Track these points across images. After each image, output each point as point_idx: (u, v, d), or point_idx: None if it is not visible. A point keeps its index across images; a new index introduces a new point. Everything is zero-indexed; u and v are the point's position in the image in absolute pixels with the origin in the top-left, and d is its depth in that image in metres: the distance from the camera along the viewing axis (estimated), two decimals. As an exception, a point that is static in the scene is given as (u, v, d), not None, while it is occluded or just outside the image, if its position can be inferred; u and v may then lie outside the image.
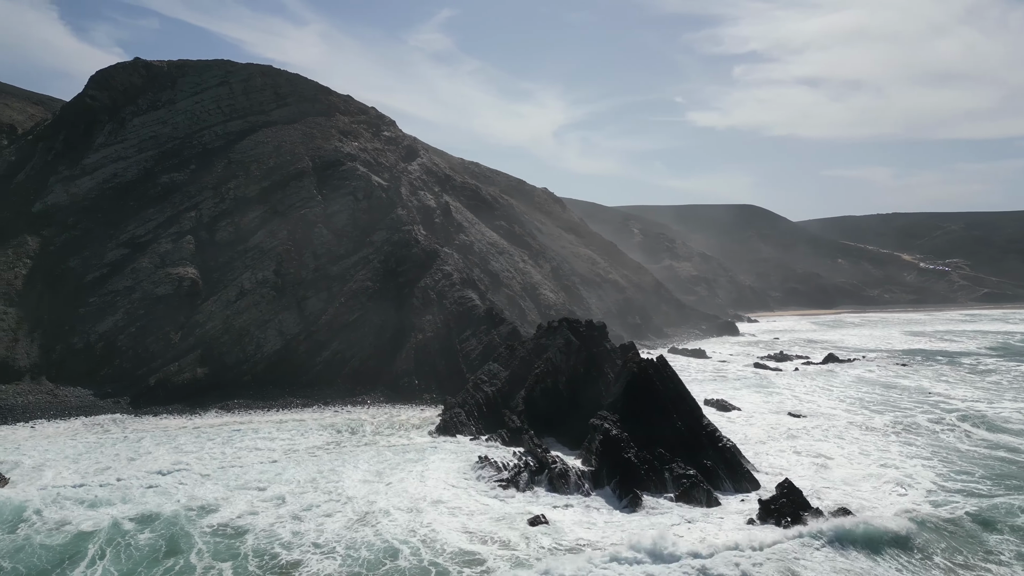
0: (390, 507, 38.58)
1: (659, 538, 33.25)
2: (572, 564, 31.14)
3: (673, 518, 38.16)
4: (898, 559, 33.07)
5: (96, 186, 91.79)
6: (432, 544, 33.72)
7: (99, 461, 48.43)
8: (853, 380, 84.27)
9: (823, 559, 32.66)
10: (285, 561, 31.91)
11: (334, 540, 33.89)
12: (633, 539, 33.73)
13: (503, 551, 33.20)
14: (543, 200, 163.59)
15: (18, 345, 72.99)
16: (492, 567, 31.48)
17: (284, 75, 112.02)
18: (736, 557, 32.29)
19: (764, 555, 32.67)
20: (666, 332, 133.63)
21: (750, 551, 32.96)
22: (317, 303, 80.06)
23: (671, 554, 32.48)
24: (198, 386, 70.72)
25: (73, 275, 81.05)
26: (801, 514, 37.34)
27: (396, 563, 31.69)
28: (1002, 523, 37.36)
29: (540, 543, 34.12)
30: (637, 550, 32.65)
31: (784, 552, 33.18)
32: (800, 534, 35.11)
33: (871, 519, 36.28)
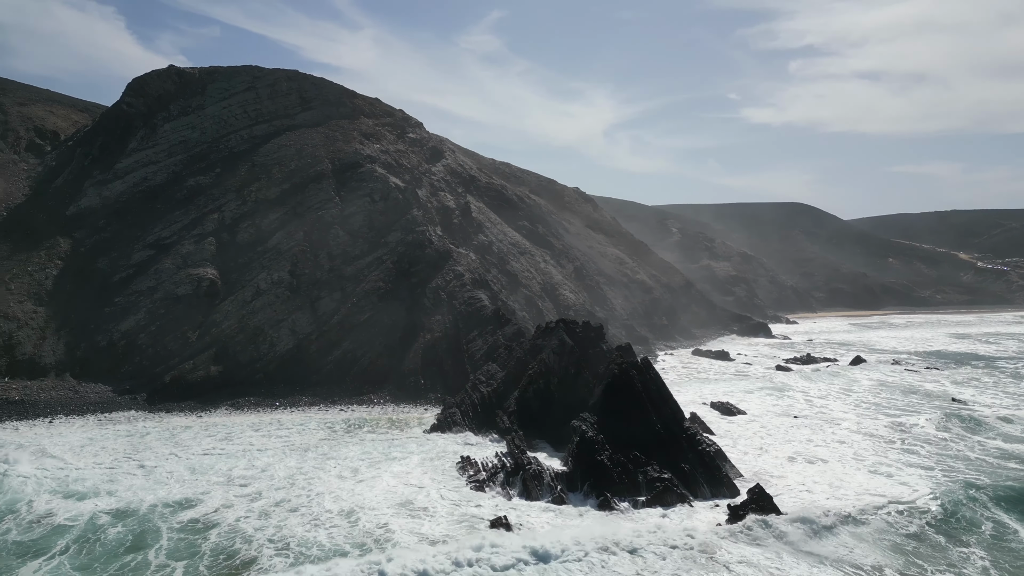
0: (355, 506, 39.17)
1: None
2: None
3: (638, 522, 37.63)
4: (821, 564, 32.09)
5: (127, 190, 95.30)
6: (383, 546, 34.08)
7: (99, 456, 50.40)
8: (874, 384, 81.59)
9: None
10: (239, 561, 32.68)
11: (290, 537, 34.61)
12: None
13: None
14: (573, 199, 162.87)
15: (45, 343, 76.41)
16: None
17: (310, 79, 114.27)
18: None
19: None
20: (694, 333, 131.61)
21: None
22: (330, 303, 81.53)
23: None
24: (211, 384, 72.81)
25: (101, 275, 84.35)
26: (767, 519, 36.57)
27: (339, 565, 31.92)
28: (970, 537, 35.81)
29: (492, 545, 34.10)
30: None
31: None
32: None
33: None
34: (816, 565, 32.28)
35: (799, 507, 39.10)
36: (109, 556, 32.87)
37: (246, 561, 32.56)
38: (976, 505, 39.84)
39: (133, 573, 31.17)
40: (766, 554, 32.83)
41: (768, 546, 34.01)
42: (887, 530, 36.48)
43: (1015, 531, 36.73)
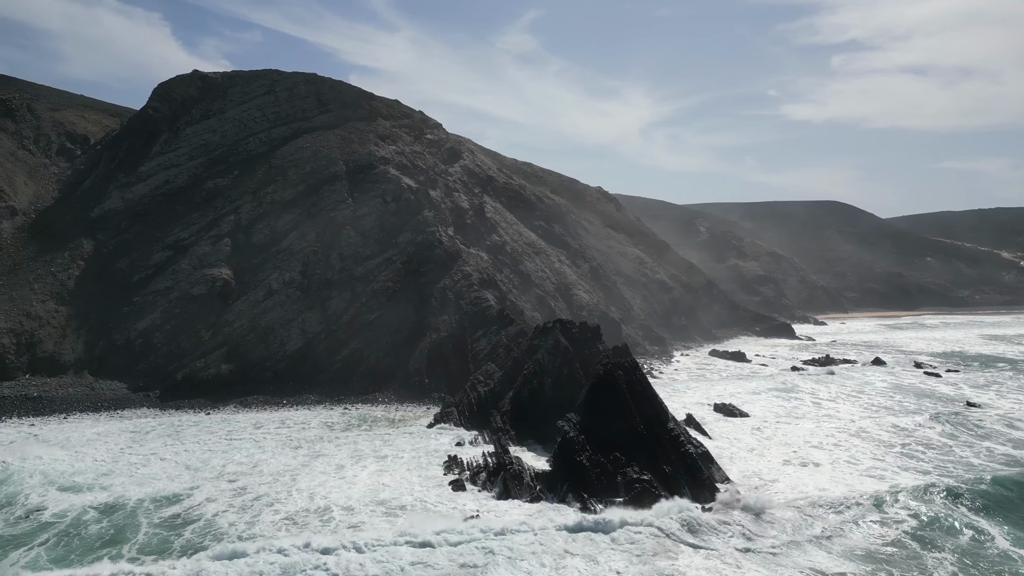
0: (331, 504, 39.85)
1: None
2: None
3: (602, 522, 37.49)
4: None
5: (149, 192, 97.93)
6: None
7: (101, 451, 51.99)
8: (888, 386, 79.86)
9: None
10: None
11: (260, 535, 35.32)
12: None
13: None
14: (594, 199, 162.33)
15: (65, 341, 79.03)
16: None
17: (327, 82, 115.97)
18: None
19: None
20: (714, 333, 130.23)
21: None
22: (340, 303, 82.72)
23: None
24: (222, 382, 74.47)
25: (121, 276, 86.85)
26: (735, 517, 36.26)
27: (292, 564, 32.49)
28: (946, 543, 34.98)
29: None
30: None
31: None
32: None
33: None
34: (775, 570, 31.88)
35: (776, 511, 38.58)
36: (85, 550, 34.00)
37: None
38: (958, 511, 38.89)
39: (102, 567, 32.15)
40: (725, 560, 32.52)
41: (724, 554, 33.68)
42: (862, 537, 35.83)
43: (992, 537, 35.75)
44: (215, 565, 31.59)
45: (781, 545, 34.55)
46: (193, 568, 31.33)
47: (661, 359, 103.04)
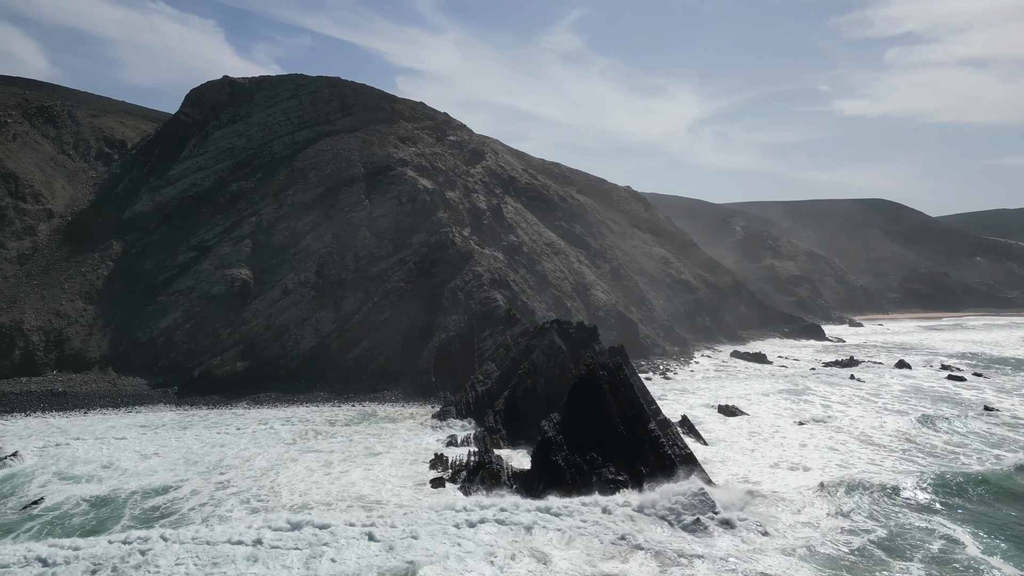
0: (311, 501, 40.94)
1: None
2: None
3: (564, 521, 37.71)
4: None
5: (177, 195, 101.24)
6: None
7: (110, 445, 54.22)
8: (906, 389, 77.87)
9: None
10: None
11: (231, 531, 36.48)
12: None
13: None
14: (622, 198, 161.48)
15: (92, 338, 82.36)
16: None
17: (351, 86, 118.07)
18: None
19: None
20: (740, 334, 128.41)
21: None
22: (353, 302, 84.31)
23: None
24: (237, 379, 76.67)
25: (147, 276, 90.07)
26: (703, 520, 36.18)
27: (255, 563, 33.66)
28: (916, 552, 34.22)
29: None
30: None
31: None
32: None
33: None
34: (727, 570, 31.74)
35: (746, 516, 38.26)
36: (61, 537, 35.72)
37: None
38: (934, 519, 38.01)
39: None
40: (683, 572, 32.45)
41: (675, 560, 33.62)
42: (829, 543, 35.30)
43: (963, 545, 34.85)
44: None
45: (741, 548, 34.29)
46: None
47: (679, 360, 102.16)
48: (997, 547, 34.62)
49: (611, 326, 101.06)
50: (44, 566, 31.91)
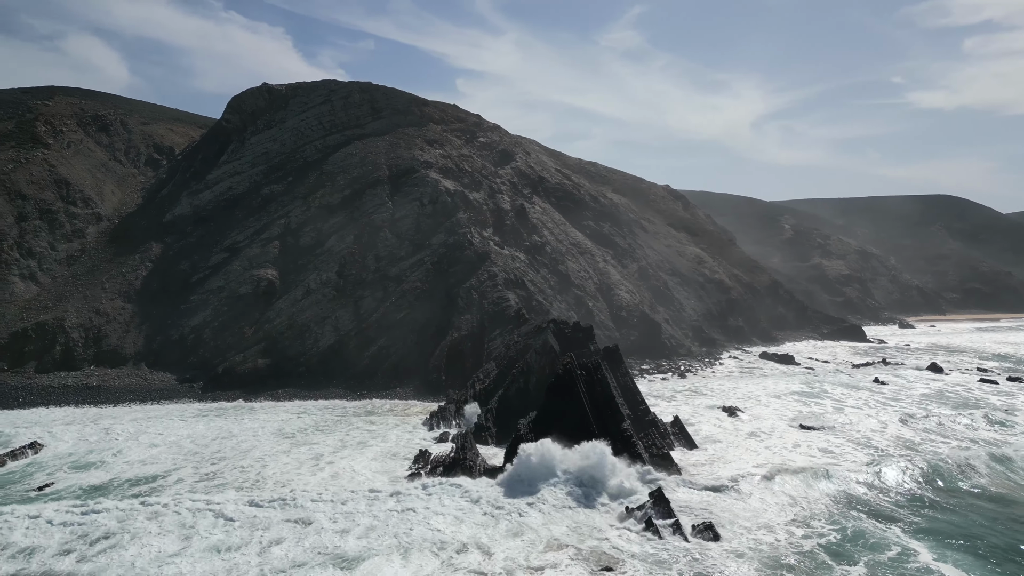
0: (292, 490, 42.83)
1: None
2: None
3: (531, 517, 38.47)
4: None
5: (214, 199, 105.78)
6: (279, 523, 37.52)
7: (128, 434, 57.51)
8: (927, 393, 75.35)
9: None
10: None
11: (202, 522, 38.58)
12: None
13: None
14: (658, 197, 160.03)
15: (128, 335, 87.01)
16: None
17: (381, 90, 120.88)
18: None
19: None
20: (774, 335, 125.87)
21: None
22: (371, 302, 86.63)
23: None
24: (258, 375, 79.85)
25: (182, 276, 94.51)
26: (655, 521, 36.51)
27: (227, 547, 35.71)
28: (864, 558, 33.65)
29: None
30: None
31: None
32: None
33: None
34: (665, 573, 32.00)
35: (703, 517, 38.30)
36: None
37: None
38: (891, 529, 37.18)
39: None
40: (619, 570, 32.86)
41: (611, 557, 33.97)
42: (779, 546, 35.08)
43: (916, 553, 34.08)
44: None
45: (685, 549, 34.44)
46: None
47: (704, 360, 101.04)
48: (950, 556, 33.77)
49: (633, 326, 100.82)
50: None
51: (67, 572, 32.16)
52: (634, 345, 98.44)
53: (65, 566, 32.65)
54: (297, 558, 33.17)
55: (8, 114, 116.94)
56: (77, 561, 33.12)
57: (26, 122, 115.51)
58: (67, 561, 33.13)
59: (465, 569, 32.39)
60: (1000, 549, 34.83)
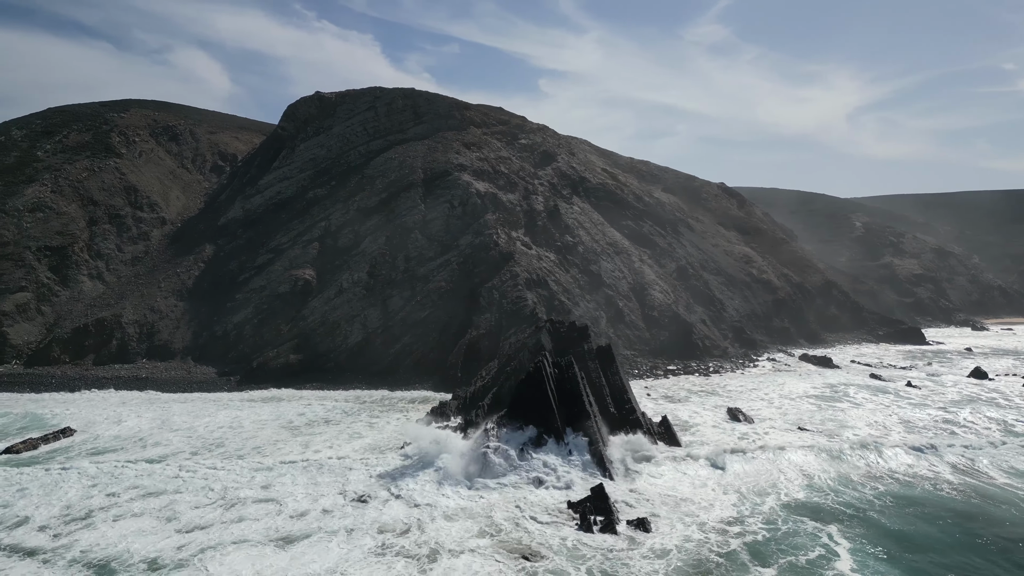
0: (270, 479, 46.12)
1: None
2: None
3: (481, 503, 40.14)
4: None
5: (264, 203, 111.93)
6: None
7: (154, 423, 62.61)
8: (958, 399, 72.09)
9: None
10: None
11: (181, 504, 42.22)
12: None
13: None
14: (710, 196, 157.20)
15: (178, 331, 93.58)
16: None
17: (424, 95, 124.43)
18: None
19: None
20: (823, 337, 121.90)
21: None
22: (399, 301, 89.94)
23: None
24: (290, 370, 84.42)
25: (230, 276, 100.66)
26: (589, 516, 37.59)
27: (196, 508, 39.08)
28: (783, 559, 33.59)
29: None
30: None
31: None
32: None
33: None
34: (577, 566, 33.04)
35: (639, 514, 38.99)
36: (56, 496, 43.10)
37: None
38: (826, 530, 36.77)
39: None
40: (537, 561, 34.10)
41: (529, 547, 35.14)
42: (702, 543, 35.43)
43: (836, 557, 33.73)
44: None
45: (610, 544, 35.33)
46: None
47: (739, 362, 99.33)
48: (872, 565, 33.28)
49: (664, 326, 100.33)
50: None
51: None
52: (664, 345, 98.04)
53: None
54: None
55: (87, 126, 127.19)
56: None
57: (102, 133, 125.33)
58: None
59: (397, 548, 34.55)
60: (932, 564, 33.87)
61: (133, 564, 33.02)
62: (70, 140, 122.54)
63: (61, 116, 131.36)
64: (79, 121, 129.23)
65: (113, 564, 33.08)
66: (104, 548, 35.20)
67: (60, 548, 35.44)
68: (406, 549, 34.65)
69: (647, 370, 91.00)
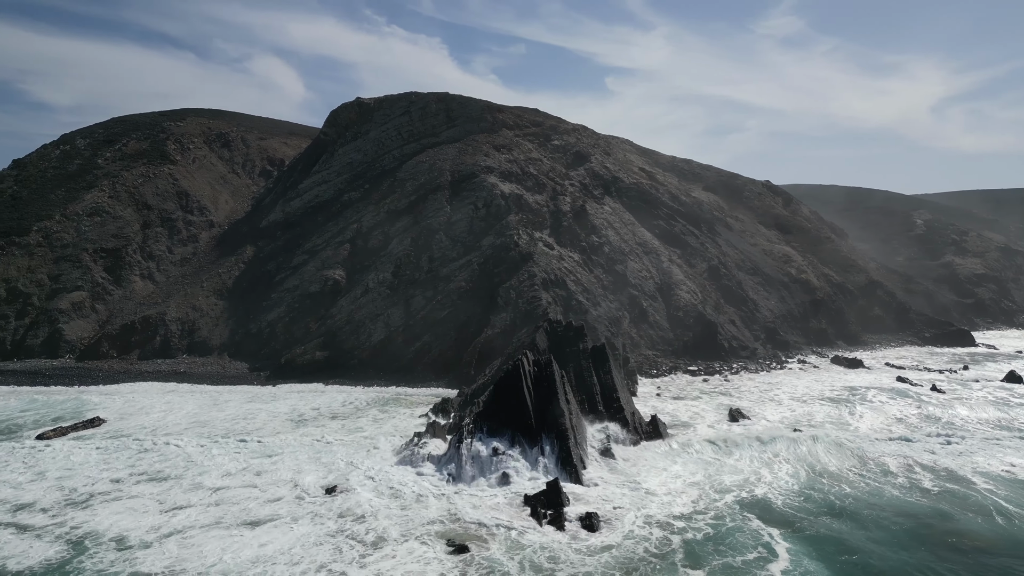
0: (259, 461, 49.15)
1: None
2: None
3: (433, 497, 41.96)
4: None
5: (303, 206, 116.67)
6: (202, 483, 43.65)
7: (179, 413, 67.02)
8: (984, 403, 69.70)
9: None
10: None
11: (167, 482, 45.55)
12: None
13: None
14: (753, 195, 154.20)
15: (216, 329, 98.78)
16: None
17: (457, 99, 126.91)
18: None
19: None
20: (863, 338, 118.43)
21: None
22: (421, 300, 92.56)
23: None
24: (315, 366, 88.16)
25: (267, 276, 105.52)
26: (540, 510, 38.94)
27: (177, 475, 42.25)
28: (718, 560, 34.02)
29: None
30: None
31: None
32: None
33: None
34: (511, 557, 34.38)
35: (589, 510, 39.99)
36: (63, 470, 47.21)
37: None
38: (766, 532, 36.88)
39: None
40: (475, 550, 35.60)
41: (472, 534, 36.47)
42: (643, 539, 36.13)
43: (775, 557, 33.92)
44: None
45: (553, 539, 36.53)
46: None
47: (765, 363, 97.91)
48: (803, 565, 33.38)
49: (689, 327, 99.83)
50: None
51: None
52: (687, 345, 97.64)
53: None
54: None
55: (145, 135, 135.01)
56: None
57: (159, 141, 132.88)
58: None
59: (349, 532, 36.78)
60: (863, 569, 33.61)
61: (103, 544, 36.13)
62: (129, 148, 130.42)
63: (122, 125, 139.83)
64: (138, 130, 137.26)
65: (86, 543, 36.24)
66: (88, 526, 38.62)
67: (52, 526, 39.05)
68: (357, 534, 36.80)
69: (666, 370, 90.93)
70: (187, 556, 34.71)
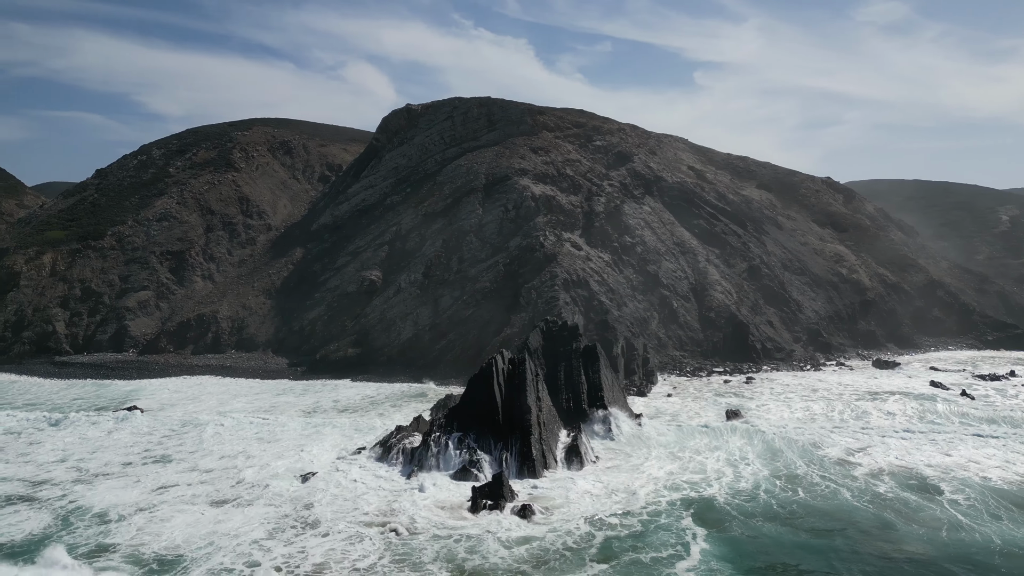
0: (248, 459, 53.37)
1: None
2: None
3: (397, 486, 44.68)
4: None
5: (350, 209, 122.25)
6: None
7: (207, 402, 72.85)
8: (1007, 407, 66.48)
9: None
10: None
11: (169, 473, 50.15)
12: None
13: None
14: (809, 192, 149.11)
15: (263, 326, 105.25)
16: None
17: (498, 103, 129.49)
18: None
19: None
20: (917, 341, 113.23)
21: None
22: (448, 300, 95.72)
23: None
24: (347, 362, 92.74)
25: (312, 276, 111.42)
26: (481, 501, 41.05)
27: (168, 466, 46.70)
28: (636, 555, 35.03)
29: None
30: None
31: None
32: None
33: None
34: (431, 543, 36.57)
35: (526, 503, 41.62)
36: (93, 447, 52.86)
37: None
38: (690, 533, 37.37)
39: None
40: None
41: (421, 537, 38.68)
42: (565, 533, 37.36)
43: (687, 555, 34.58)
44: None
45: (481, 525, 38.51)
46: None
47: (800, 364, 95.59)
48: (711, 565, 33.91)
49: (720, 328, 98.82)
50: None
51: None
52: (717, 346, 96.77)
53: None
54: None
55: (214, 144, 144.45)
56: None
57: (225, 150, 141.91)
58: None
59: (296, 516, 40.01)
60: (774, 570, 33.89)
61: (86, 518, 40.69)
62: (198, 157, 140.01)
63: (194, 136, 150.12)
64: (208, 140, 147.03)
65: (71, 518, 40.90)
66: (82, 501, 43.45)
67: (53, 499, 44.14)
68: (303, 517, 39.93)
69: (691, 371, 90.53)
70: (152, 529, 38.69)
